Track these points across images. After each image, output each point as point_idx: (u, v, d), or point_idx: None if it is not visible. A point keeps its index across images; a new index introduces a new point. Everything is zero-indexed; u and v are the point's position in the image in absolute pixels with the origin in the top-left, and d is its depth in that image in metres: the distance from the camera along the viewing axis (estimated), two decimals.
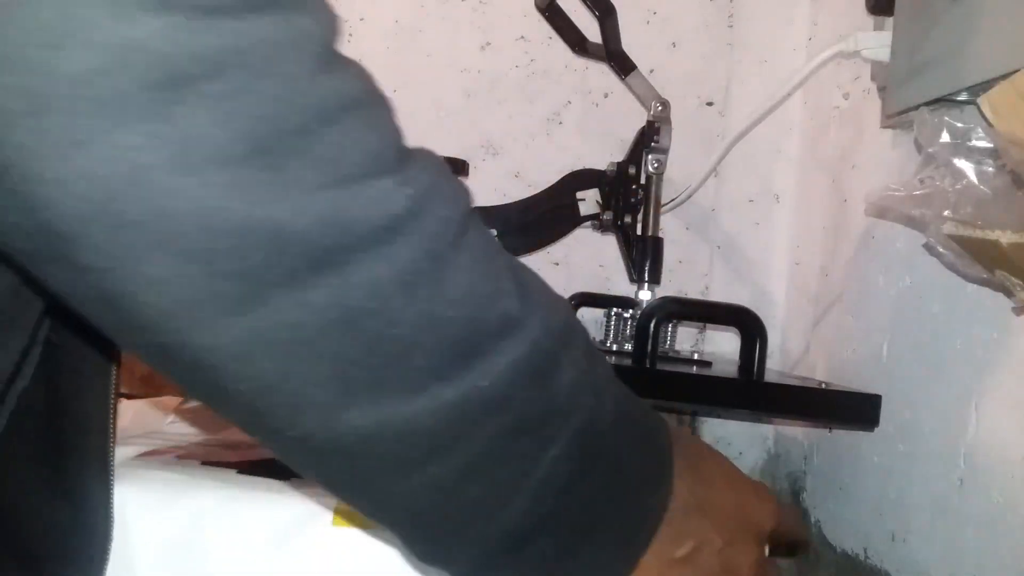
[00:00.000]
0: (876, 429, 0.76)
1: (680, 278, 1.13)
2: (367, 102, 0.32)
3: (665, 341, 0.86)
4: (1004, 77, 0.51)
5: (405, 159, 0.33)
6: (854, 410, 0.75)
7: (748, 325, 0.76)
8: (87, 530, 0.49)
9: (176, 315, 0.30)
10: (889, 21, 0.73)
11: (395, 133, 0.34)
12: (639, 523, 0.40)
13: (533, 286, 0.38)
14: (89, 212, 0.28)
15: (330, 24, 0.31)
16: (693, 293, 1.13)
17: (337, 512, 0.53)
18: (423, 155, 0.35)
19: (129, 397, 0.75)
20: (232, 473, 0.56)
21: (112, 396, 0.50)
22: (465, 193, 0.36)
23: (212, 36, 0.28)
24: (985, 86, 0.53)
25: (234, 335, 0.31)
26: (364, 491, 0.37)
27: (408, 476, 0.35)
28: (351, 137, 0.31)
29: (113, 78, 0.27)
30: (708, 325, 1.12)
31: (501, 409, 0.35)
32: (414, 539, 0.39)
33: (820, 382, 0.80)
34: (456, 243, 0.34)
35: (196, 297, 0.30)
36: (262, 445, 0.37)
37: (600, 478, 0.39)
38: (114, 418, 0.50)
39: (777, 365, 1.06)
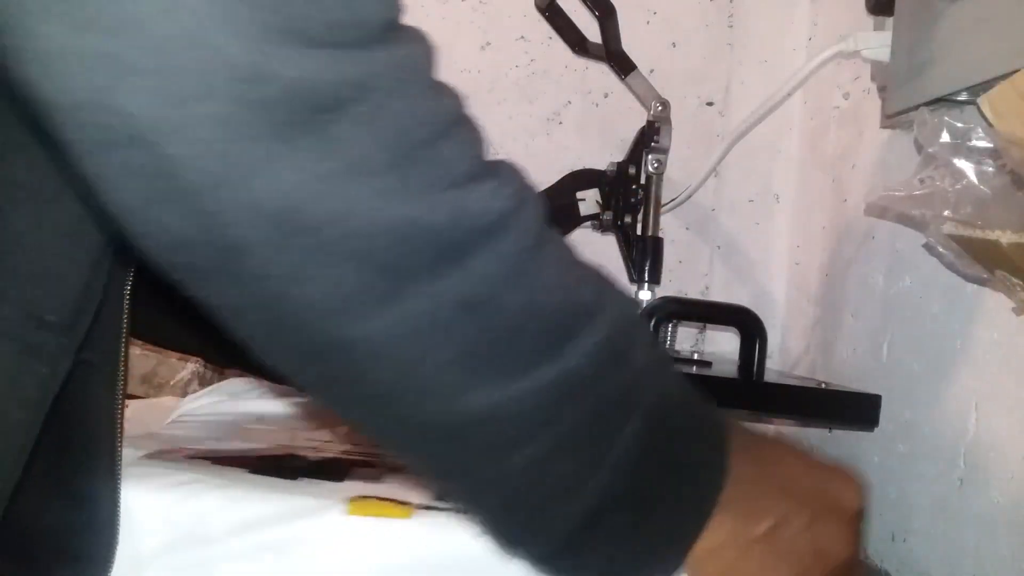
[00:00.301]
0: (876, 429, 0.76)
1: (680, 278, 1.13)
2: (465, 118, 0.37)
3: (665, 341, 0.86)
4: (1004, 77, 0.51)
5: (496, 164, 0.38)
6: (854, 410, 0.75)
7: (748, 325, 0.76)
8: (93, 531, 0.49)
9: (335, 311, 0.34)
10: (889, 21, 0.73)
11: (485, 143, 0.38)
12: (701, 496, 0.42)
13: (600, 275, 0.42)
14: (272, 224, 0.32)
15: (431, 51, 0.37)
16: (693, 293, 1.13)
17: (352, 502, 0.53)
18: (504, 161, 0.39)
19: (129, 397, 0.75)
20: (243, 472, 0.56)
21: (120, 397, 0.50)
22: (538, 193, 0.40)
23: (355, 66, 0.33)
24: (985, 86, 0.53)
25: (382, 325, 0.34)
26: (468, 474, 0.39)
27: (509, 456, 0.38)
28: (460, 147, 0.36)
29: (290, 106, 0.31)
30: (708, 325, 1.12)
31: (588, 388, 0.38)
32: (503, 523, 0.41)
33: (820, 382, 0.80)
34: (543, 237, 0.38)
35: (352, 292, 0.34)
36: (377, 437, 0.40)
37: (666, 453, 0.41)
38: (121, 419, 0.50)
39: (777, 365, 1.06)
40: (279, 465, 0.58)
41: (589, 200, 1.03)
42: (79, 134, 0.31)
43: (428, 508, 0.53)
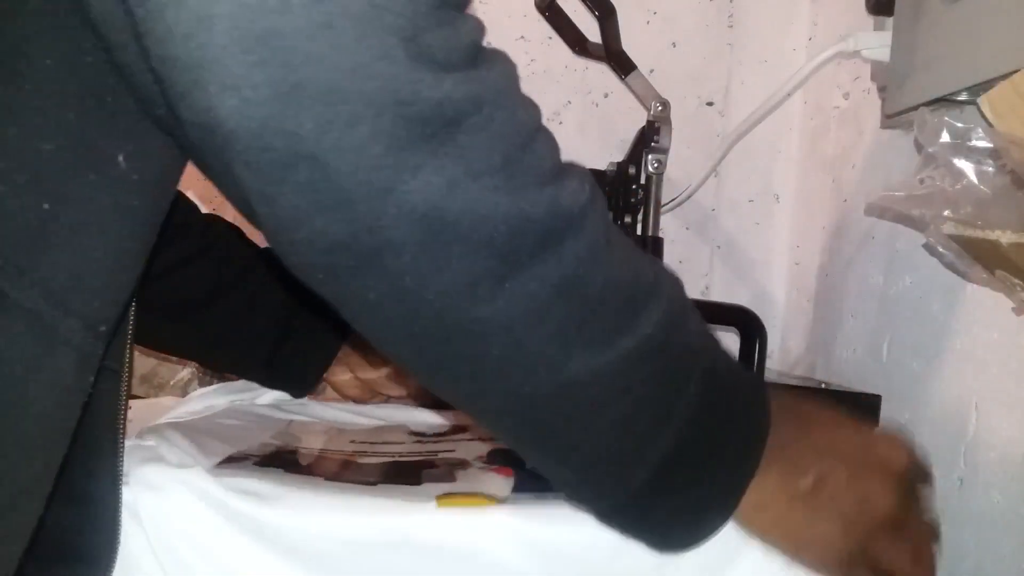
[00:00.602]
0: (876, 429, 0.76)
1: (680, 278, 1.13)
2: (543, 126, 0.42)
3: None
4: (1004, 77, 0.51)
5: (569, 164, 0.43)
6: (854, 410, 0.74)
7: (748, 325, 0.76)
8: (96, 531, 0.49)
9: (466, 295, 0.39)
10: (889, 21, 0.73)
11: (559, 147, 0.43)
12: (748, 450, 0.46)
13: (649, 256, 0.48)
14: (421, 224, 0.37)
15: (515, 68, 0.41)
16: (693, 293, 1.12)
17: (439, 499, 0.52)
18: (573, 162, 0.43)
19: (131, 398, 0.74)
20: (322, 481, 0.55)
21: (124, 399, 0.50)
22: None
23: (472, 84, 0.38)
24: (985, 86, 0.53)
25: (503, 306, 0.40)
26: (560, 436, 0.44)
27: (599, 417, 0.43)
28: (545, 150, 0.41)
29: (433, 122, 0.37)
30: (708, 325, 1.12)
31: (659, 353, 0.44)
32: (584, 480, 0.46)
33: (820, 382, 0.80)
34: (610, 224, 0.44)
35: (480, 277, 0.39)
36: (480, 410, 0.45)
37: (719, 410, 0.46)
38: (125, 420, 0.50)
39: (777, 365, 1.06)
40: (349, 474, 0.57)
41: None
42: (256, 157, 0.36)
43: (506, 501, 0.53)
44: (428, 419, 0.77)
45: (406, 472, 0.58)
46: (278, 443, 0.65)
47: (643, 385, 0.44)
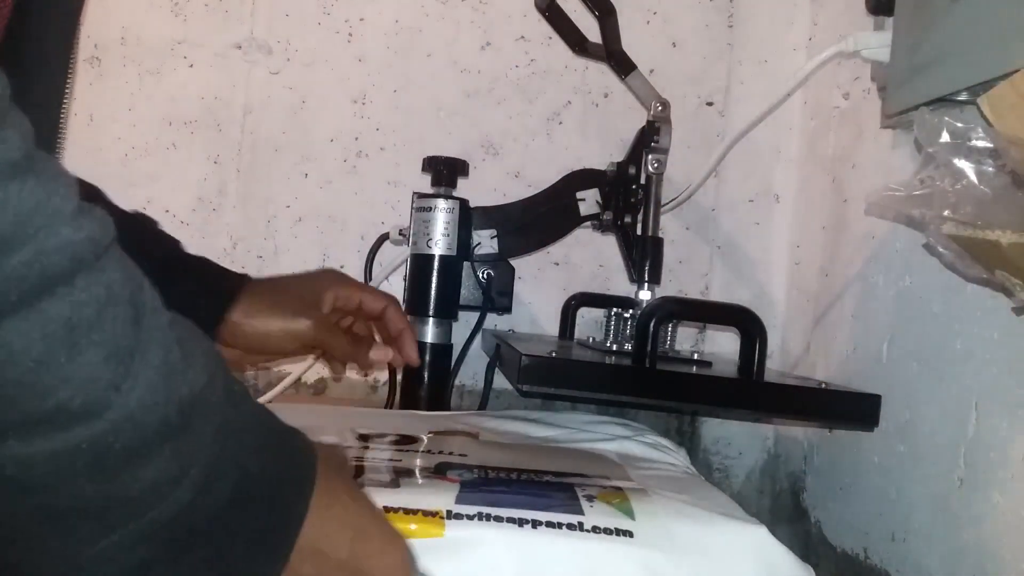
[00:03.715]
0: (876, 429, 0.76)
1: (680, 278, 1.13)
2: None
3: (665, 341, 0.86)
4: (1004, 77, 0.51)
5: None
6: (854, 410, 0.75)
7: (748, 325, 0.76)
8: None
9: None
10: (889, 21, 0.73)
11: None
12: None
13: (152, 360, 0.35)
14: None
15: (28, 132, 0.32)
16: (693, 293, 1.13)
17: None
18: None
19: None
20: None
21: None
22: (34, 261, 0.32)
23: None
24: (985, 86, 0.53)
25: None
26: None
27: None
28: None
29: None
30: (708, 325, 1.12)
31: (45, 489, 0.33)
32: None
33: (820, 382, 0.80)
34: (18, 306, 0.31)
35: None
36: None
37: (197, 564, 0.37)
38: None
39: (777, 365, 1.06)
40: None
41: (589, 200, 1.03)
42: None
43: (457, 516, 0.53)
44: (376, 422, 0.78)
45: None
46: None
47: (16, 518, 0.34)
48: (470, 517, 0.53)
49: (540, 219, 1.04)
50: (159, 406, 0.34)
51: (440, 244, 0.99)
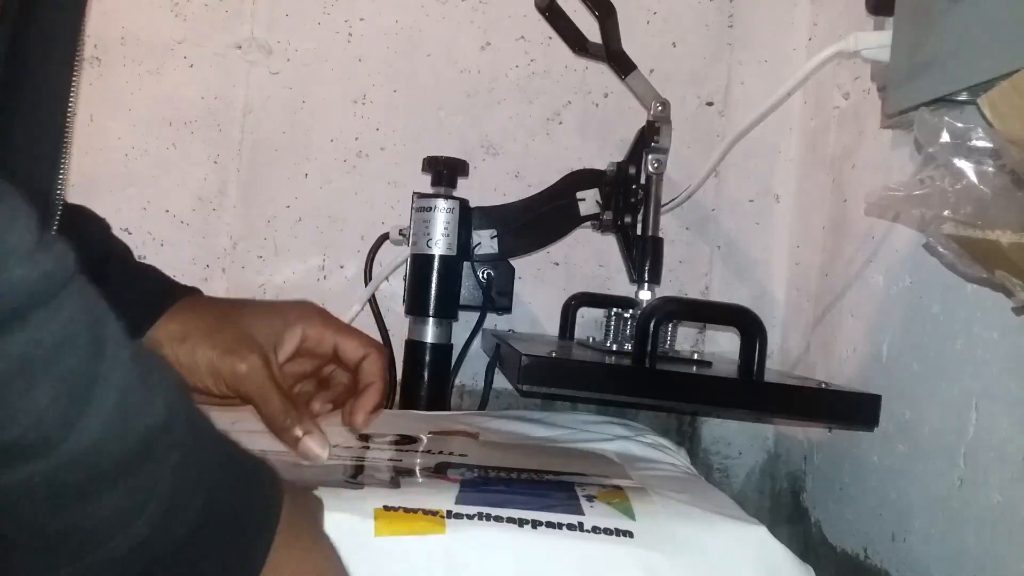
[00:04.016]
0: (876, 429, 0.76)
1: (680, 278, 1.13)
2: None
3: (665, 341, 0.86)
4: (1004, 77, 0.51)
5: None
6: (854, 410, 0.75)
7: (748, 325, 0.76)
8: None
9: None
10: (889, 21, 0.73)
11: None
12: None
13: (110, 395, 0.34)
14: None
15: None
16: (693, 293, 1.13)
17: (377, 519, 0.52)
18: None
19: None
20: None
21: None
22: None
23: None
24: (985, 86, 0.53)
25: None
26: None
27: None
28: None
29: None
30: (708, 325, 1.12)
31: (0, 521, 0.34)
32: None
33: (820, 382, 0.80)
34: None
35: None
36: None
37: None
38: None
39: (777, 365, 1.06)
40: (290, 473, 0.56)
41: (589, 200, 1.03)
42: None
43: (457, 516, 0.53)
44: (376, 422, 0.78)
45: (349, 475, 0.58)
46: None
47: None
48: (470, 517, 0.53)
49: (540, 219, 1.04)
50: (116, 441, 0.34)
51: (440, 244, 0.99)
